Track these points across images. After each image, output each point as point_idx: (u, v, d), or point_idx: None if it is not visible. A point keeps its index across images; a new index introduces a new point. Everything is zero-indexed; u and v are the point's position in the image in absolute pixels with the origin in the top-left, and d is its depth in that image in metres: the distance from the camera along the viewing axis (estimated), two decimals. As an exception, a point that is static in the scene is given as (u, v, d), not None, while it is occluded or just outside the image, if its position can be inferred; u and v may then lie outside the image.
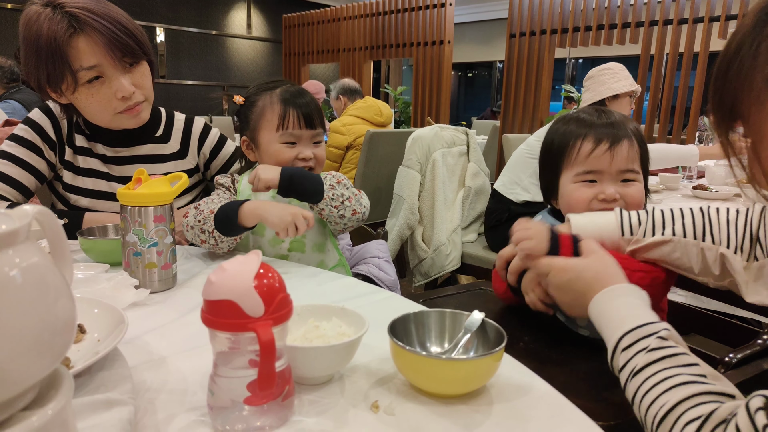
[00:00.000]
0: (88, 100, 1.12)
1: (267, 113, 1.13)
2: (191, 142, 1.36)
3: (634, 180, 1.00)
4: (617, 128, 1.00)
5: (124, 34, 1.10)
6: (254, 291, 0.49)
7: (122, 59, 1.11)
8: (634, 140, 1.01)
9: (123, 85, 1.12)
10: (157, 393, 0.57)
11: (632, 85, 2.32)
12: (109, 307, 0.63)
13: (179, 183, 0.93)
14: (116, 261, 0.95)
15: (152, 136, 1.31)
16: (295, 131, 1.12)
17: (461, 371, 0.58)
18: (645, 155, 1.03)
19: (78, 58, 1.07)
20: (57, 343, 0.35)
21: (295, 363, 0.57)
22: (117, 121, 1.18)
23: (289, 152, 1.13)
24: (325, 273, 1.03)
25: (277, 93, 1.14)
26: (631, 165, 1.00)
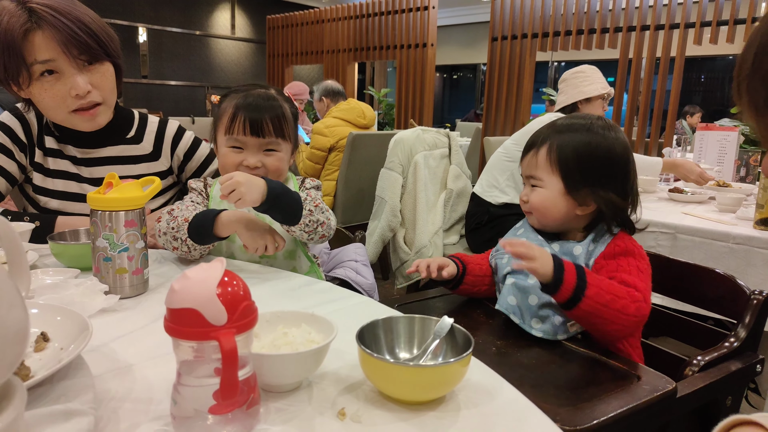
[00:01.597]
0: (42, 95, 1.11)
1: (223, 116, 1.11)
2: (164, 144, 1.35)
3: (537, 186, 1.08)
4: (541, 137, 1.08)
5: (83, 32, 1.09)
6: (217, 299, 0.49)
7: (78, 56, 1.10)
8: (543, 149, 1.07)
9: (77, 82, 1.11)
10: (121, 402, 0.56)
11: (604, 88, 2.34)
12: (72, 313, 0.62)
13: (151, 187, 0.92)
14: (87, 266, 0.94)
15: (123, 137, 1.30)
16: (240, 137, 1.09)
17: (428, 377, 0.58)
18: (562, 162, 1.05)
19: (32, 52, 1.07)
20: (8, 354, 0.34)
21: (261, 371, 0.57)
22: (71, 120, 1.17)
23: (234, 157, 1.10)
24: (300, 278, 1.03)
25: (239, 96, 1.11)
26: (532, 171, 1.09)
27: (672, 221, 1.72)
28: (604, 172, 1.04)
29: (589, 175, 1.04)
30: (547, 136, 1.08)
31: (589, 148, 1.04)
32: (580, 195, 1.04)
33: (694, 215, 1.82)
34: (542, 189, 1.07)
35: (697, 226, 1.67)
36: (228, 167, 1.10)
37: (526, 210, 1.12)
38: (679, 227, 1.69)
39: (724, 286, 1.05)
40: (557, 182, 1.05)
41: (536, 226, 1.11)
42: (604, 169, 1.04)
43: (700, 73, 8.84)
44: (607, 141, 1.05)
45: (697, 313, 1.23)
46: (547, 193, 1.06)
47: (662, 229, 1.72)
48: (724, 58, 8.44)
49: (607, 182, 1.04)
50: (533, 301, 1.02)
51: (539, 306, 1.01)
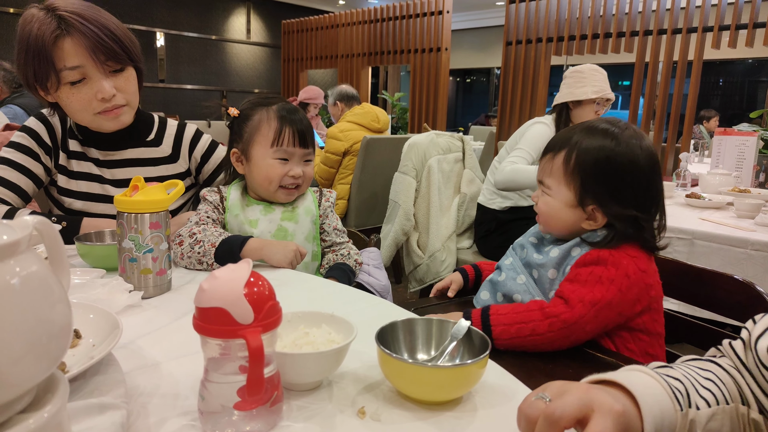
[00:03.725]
0: (69, 99, 1.16)
1: (263, 128, 1.15)
2: (183, 146, 1.39)
3: (546, 193, 1.05)
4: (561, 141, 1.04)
5: (110, 39, 1.13)
6: (244, 299, 0.51)
7: (105, 63, 1.14)
8: (560, 156, 1.02)
9: (104, 86, 1.15)
10: (150, 397, 0.58)
11: (596, 93, 2.17)
12: (104, 312, 0.64)
13: (175, 190, 0.94)
14: (112, 266, 0.97)
15: (144, 140, 1.34)
16: (289, 148, 1.15)
17: (446, 378, 0.59)
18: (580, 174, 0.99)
19: (62, 58, 1.11)
20: (54, 347, 0.37)
21: (284, 369, 0.59)
22: (97, 121, 1.21)
23: (281, 168, 1.15)
24: (318, 280, 1.05)
25: (273, 109, 1.16)
26: (543, 177, 1.06)
27: (689, 227, 1.71)
28: (623, 187, 0.98)
29: (605, 191, 0.98)
30: (566, 142, 1.02)
31: (609, 162, 0.97)
32: (590, 210, 1.00)
33: (712, 221, 1.81)
34: (550, 197, 1.04)
35: (714, 231, 1.66)
36: (275, 178, 1.15)
37: (537, 212, 1.09)
38: (697, 233, 1.68)
39: (743, 292, 1.05)
40: (566, 193, 1.01)
41: (542, 231, 1.10)
42: (623, 184, 0.98)
43: (718, 77, 8.74)
44: (631, 152, 0.98)
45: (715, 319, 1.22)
46: (554, 202, 1.03)
47: (679, 234, 1.71)
48: (742, 61, 8.34)
49: (624, 197, 0.98)
50: (499, 298, 1.08)
51: (505, 301, 1.06)
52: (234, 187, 1.21)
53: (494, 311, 0.96)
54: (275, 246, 1.08)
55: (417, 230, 2.54)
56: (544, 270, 1.04)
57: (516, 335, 0.93)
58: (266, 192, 1.18)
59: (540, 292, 1.04)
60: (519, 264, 1.10)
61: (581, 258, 0.98)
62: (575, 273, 0.97)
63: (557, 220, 1.04)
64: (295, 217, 1.19)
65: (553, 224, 1.05)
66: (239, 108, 1.20)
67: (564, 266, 1.02)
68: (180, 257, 1.06)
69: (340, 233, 1.27)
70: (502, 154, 2.39)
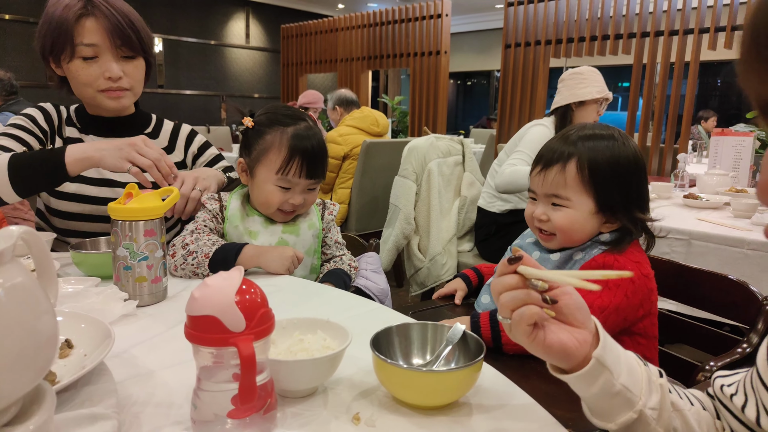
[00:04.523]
0: (78, 72, 1.21)
1: (272, 152, 1.12)
2: (179, 139, 1.43)
3: (561, 205, 1.01)
4: (561, 151, 1.00)
5: (128, 27, 1.21)
6: (236, 306, 0.50)
7: (120, 47, 1.21)
8: (571, 165, 0.99)
9: (113, 67, 1.21)
10: (143, 407, 0.58)
11: (599, 93, 2.25)
12: (96, 321, 0.64)
13: (170, 197, 0.94)
14: (107, 274, 0.96)
15: (142, 131, 1.38)
16: (294, 179, 1.12)
17: (440, 383, 0.59)
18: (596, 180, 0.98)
19: (81, 34, 1.18)
20: (40, 358, 0.36)
21: (278, 376, 0.58)
22: (98, 98, 1.25)
23: (280, 196, 1.13)
24: (314, 285, 1.05)
25: (288, 133, 1.12)
26: (556, 190, 1.00)
27: (686, 227, 1.70)
28: (633, 186, 0.99)
29: (621, 191, 0.98)
30: (572, 151, 0.99)
31: (621, 162, 0.98)
32: (610, 213, 0.99)
33: (709, 221, 1.81)
34: (570, 209, 1.00)
35: (711, 232, 1.66)
36: (273, 204, 1.14)
37: (547, 229, 1.04)
38: (694, 233, 1.68)
39: (737, 292, 1.04)
40: (587, 201, 0.99)
41: (555, 247, 1.05)
42: (633, 183, 0.99)
43: (716, 77, 8.74)
44: (632, 152, 1.00)
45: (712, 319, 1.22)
46: (575, 214, 0.99)
47: (677, 235, 1.71)
48: (740, 61, 8.33)
49: (635, 196, 1.00)
50: None
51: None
52: (235, 196, 1.19)
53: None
54: (272, 252, 1.07)
55: (418, 234, 2.53)
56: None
57: None
58: (264, 211, 1.17)
59: None
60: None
61: (587, 264, 0.98)
62: None
63: (581, 232, 1.00)
64: (297, 230, 1.18)
65: (577, 237, 1.01)
66: (255, 118, 1.18)
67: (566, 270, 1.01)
68: (174, 269, 1.06)
69: (340, 246, 1.27)
70: (502, 157, 2.39)
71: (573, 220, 1.00)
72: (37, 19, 1.24)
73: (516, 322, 0.55)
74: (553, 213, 1.01)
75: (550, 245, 1.05)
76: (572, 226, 1.00)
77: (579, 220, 0.99)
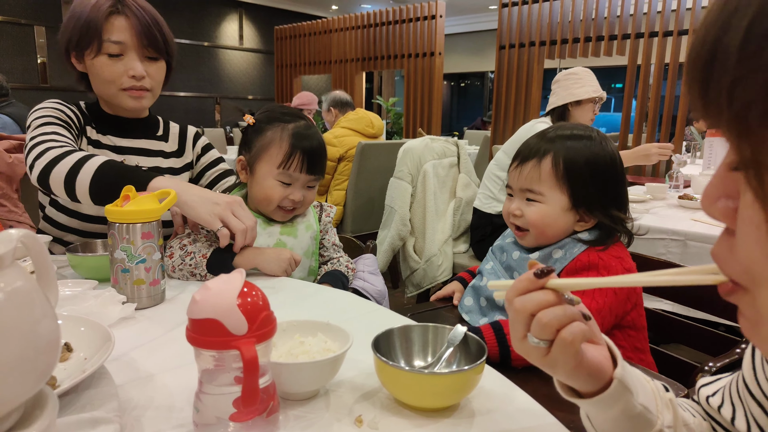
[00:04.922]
0: (102, 69, 1.21)
1: (273, 147, 1.13)
2: (187, 141, 1.45)
3: (535, 200, 1.02)
4: (538, 147, 1.02)
5: (156, 29, 1.23)
6: (237, 309, 0.50)
7: (146, 47, 1.22)
8: (546, 161, 0.99)
9: (137, 66, 1.22)
10: (144, 410, 0.57)
11: (595, 92, 2.30)
12: (95, 324, 0.64)
13: (167, 200, 0.93)
14: (104, 277, 0.96)
15: (154, 134, 1.39)
16: (295, 173, 1.13)
17: (443, 385, 0.59)
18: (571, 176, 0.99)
19: (109, 31, 1.19)
20: (41, 363, 0.36)
21: (280, 379, 0.58)
22: (119, 97, 1.25)
23: (281, 191, 1.13)
24: (312, 286, 1.04)
25: (289, 129, 1.14)
26: (530, 185, 1.01)
27: (682, 228, 1.71)
28: (609, 185, 1.00)
29: (596, 189, 0.99)
30: (549, 147, 1.01)
31: (597, 160, 0.99)
32: (584, 210, 1.00)
33: (705, 222, 1.82)
34: (542, 204, 1.01)
35: (707, 232, 1.66)
36: (274, 200, 1.14)
37: (521, 225, 1.05)
38: (690, 234, 1.69)
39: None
40: (561, 197, 1.00)
41: (531, 245, 1.06)
42: (609, 182, 1.00)
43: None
44: (609, 153, 1.00)
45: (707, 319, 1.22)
46: (548, 209, 1.00)
47: (672, 236, 1.72)
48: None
49: (610, 195, 1.00)
50: (483, 303, 1.07)
51: (489, 307, 1.05)
52: (237, 193, 1.20)
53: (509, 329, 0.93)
54: (269, 254, 1.07)
55: (413, 235, 2.53)
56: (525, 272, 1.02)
57: None
58: (264, 209, 1.17)
59: None
60: (499, 267, 1.10)
61: (571, 265, 0.98)
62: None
63: (553, 227, 1.01)
64: (295, 231, 1.18)
65: (550, 232, 1.02)
66: (256, 116, 1.19)
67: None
68: (172, 270, 1.05)
69: (338, 248, 1.27)
70: (500, 158, 2.39)
71: (545, 215, 1.01)
72: (30, 21, 1.24)
73: (567, 344, 0.47)
74: (526, 208, 1.02)
75: (524, 242, 1.06)
76: (544, 221, 1.01)
77: (551, 215, 1.00)
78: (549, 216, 1.01)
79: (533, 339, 0.49)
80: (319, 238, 1.23)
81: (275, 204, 1.14)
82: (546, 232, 1.02)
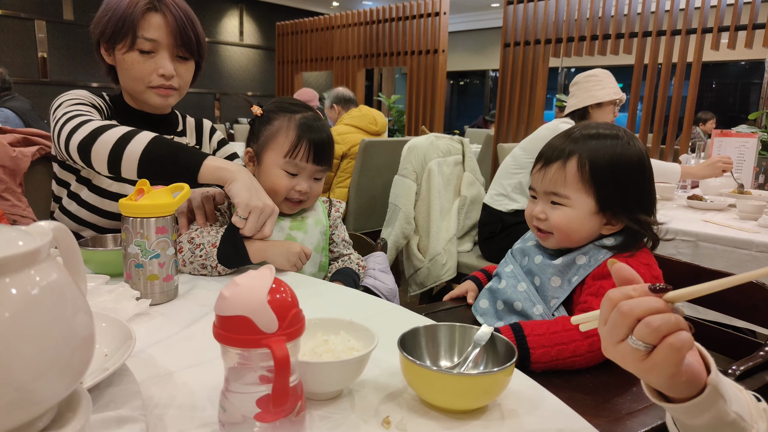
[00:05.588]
0: (133, 65, 1.20)
1: (280, 136, 1.13)
2: (204, 134, 1.45)
3: (560, 204, 0.99)
4: (562, 148, 0.99)
5: (190, 28, 1.22)
6: (268, 306, 0.48)
7: (179, 47, 1.21)
8: (572, 163, 0.97)
9: (167, 64, 1.21)
10: (166, 409, 0.56)
11: (616, 93, 2.30)
12: (115, 321, 0.62)
13: (181, 194, 0.92)
14: (116, 272, 0.94)
15: (175, 130, 1.38)
16: (301, 163, 1.12)
17: (473, 386, 0.57)
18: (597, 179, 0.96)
19: (144, 28, 1.18)
20: (76, 361, 0.34)
21: (305, 378, 0.57)
22: (146, 94, 1.24)
23: (287, 181, 1.12)
24: (324, 284, 1.03)
25: (296, 119, 1.13)
26: (555, 188, 0.99)
27: (693, 229, 1.70)
28: (637, 187, 0.97)
29: (624, 191, 0.96)
30: (574, 149, 0.98)
31: (623, 161, 0.96)
32: (611, 214, 0.97)
33: (716, 223, 1.81)
34: (568, 208, 0.98)
35: (719, 233, 1.65)
36: (281, 190, 1.12)
37: (545, 228, 1.02)
38: (701, 235, 1.67)
39: (759, 295, 1.04)
40: (587, 200, 0.97)
41: (553, 247, 1.04)
42: (637, 184, 0.97)
43: (712, 79, 8.80)
44: (636, 152, 0.97)
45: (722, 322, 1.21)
46: (574, 213, 0.97)
47: (683, 237, 1.70)
48: (735, 63, 8.39)
49: (638, 197, 0.97)
50: (499, 306, 1.05)
51: (506, 311, 1.04)
52: None
53: (529, 331, 0.91)
54: (278, 247, 1.05)
55: (417, 234, 2.52)
56: (547, 277, 1.01)
57: (556, 357, 0.89)
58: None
59: (541, 299, 1.01)
60: (520, 271, 1.07)
61: (598, 270, 0.96)
62: (598, 286, 0.94)
63: (579, 231, 0.98)
64: (304, 226, 1.17)
65: (575, 237, 0.99)
66: (264, 108, 1.19)
67: (569, 275, 0.99)
68: (182, 264, 1.04)
69: (347, 245, 1.26)
70: (518, 155, 2.36)
71: (570, 219, 0.98)
72: (30, 15, 1.22)
73: (675, 350, 0.47)
74: (551, 212, 1.00)
75: (547, 244, 1.04)
76: (569, 226, 0.98)
77: (577, 220, 0.98)
78: (575, 220, 0.98)
79: (637, 342, 0.49)
80: (328, 234, 1.22)
81: (282, 195, 1.13)
82: (571, 236, 0.99)
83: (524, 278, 1.05)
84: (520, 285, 1.04)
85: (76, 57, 7.19)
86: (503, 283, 1.07)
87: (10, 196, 1.73)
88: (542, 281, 1.01)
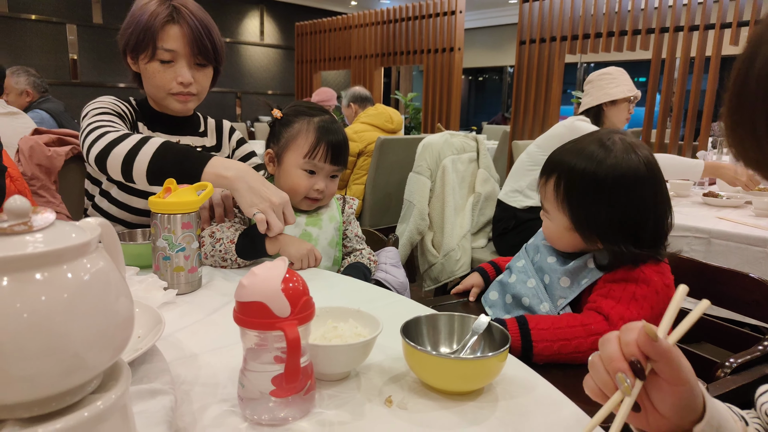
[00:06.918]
0: (154, 74, 1.28)
1: (300, 138, 1.21)
2: (223, 136, 1.52)
3: (547, 215, 1.06)
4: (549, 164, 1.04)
5: (207, 38, 1.29)
6: (282, 294, 0.54)
7: (196, 55, 1.28)
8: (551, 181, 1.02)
9: (185, 73, 1.29)
10: (192, 386, 0.63)
11: (630, 91, 2.32)
12: (147, 307, 0.69)
13: (204, 192, 0.99)
14: (144, 264, 1.01)
15: (197, 130, 1.47)
16: (320, 163, 1.20)
17: (468, 370, 0.63)
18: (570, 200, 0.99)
19: (163, 39, 1.26)
20: (119, 336, 0.41)
21: (315, 360, 0.63)
22: (167, 100, 1.32)
23: (306, 181, 1.20)
24: (337, 277, 1.09)
25: (315, 121, 1.22)
26: (543, 201, 1.07)
27: (706, 226, 1.70)
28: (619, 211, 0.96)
29: (596, 216, 0.97)
30: (556, 167, 1.02)
31: (600, 186, 0.96)
32: (587, 235, 1.00)
33: (730, 220, 1.81)
34: (549, 222, 1.06)
35: (732, 230, 1.65)
36: (300, 189, 1.21)
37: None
38: (714, 232, 1.68)
39: (759, 290, 1.06)
40: (563, 218, 1.02)
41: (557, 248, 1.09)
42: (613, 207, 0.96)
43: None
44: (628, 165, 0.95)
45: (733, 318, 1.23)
46: (553, 226, 1.05)
47: (696, 233, 1.71)
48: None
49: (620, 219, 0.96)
50: (508, 300, 1.10)
51: (514, 305, 1.08)
52: None
53: (534, 325, 0.95)
54: (293, 242, 1.12)
55: (432, 230, 2.56)
56: (557, 277, 1.05)
57: (558, 352, 0.94)
58: (291, 199, 1.22)
59: (548, 297, 1.05)
60: (531, 267, 1.11)
61: (609, 275, 0.99)
62: (608, 288, 0.97)
63: (560, 241, 1.06)
64: (319, 222, 1.24)
65: (559, 244, 1.07)
66: (284, 111, 1.26)
67: (580, 278, 1.02)
68: (204, 257, 1.11)
69: (360, 240, 1.32)
70: (533, 152, 2.37)
71: (551, 232, 1.06)
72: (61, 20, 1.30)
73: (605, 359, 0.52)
74: (544, 221, 1.09)
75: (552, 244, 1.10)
76: (551, 237, 1.07)
77: (557, 233, 1.05)
78: (555, 233, 1.05)
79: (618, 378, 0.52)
80: (342, 229, 1.28)
81: (302, 195, 1.21)
82: (556, 243, 1.07)
83: (534, 275, 1.09)
84: (529, 281, 1.08)
85: (105, 58, 7.41)
86: (513, 277, 1.12)
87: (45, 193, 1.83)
88: (551, 280, 1.05)
